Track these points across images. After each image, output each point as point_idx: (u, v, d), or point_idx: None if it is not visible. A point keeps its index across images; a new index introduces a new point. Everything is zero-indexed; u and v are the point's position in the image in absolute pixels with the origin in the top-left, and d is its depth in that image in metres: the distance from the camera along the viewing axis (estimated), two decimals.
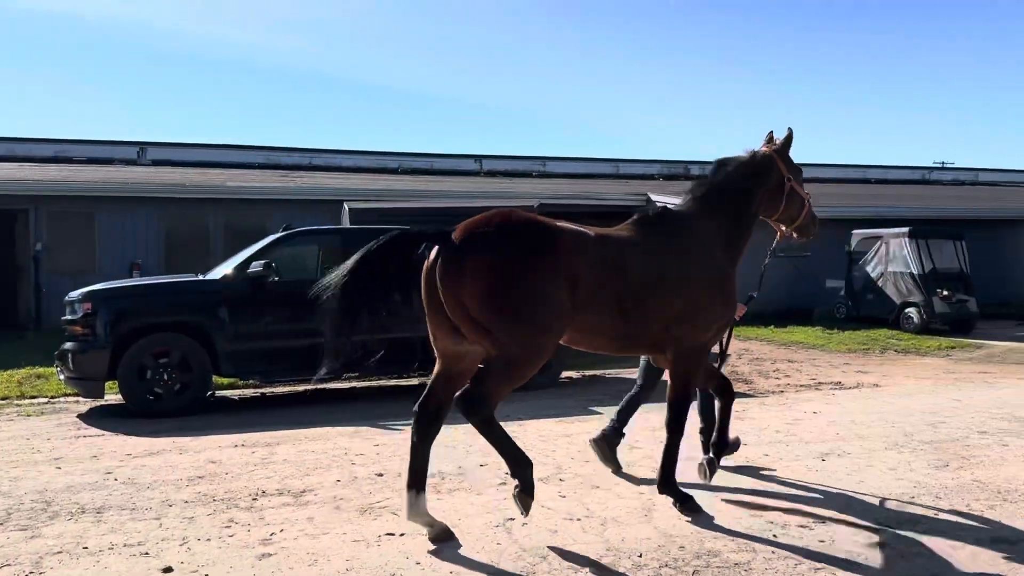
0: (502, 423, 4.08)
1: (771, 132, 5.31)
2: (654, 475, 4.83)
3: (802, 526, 4.39)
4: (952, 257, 15.92)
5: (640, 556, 3.94)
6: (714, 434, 5.08)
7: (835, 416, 7.59)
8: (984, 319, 16.92)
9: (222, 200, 17.36)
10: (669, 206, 5.44)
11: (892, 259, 15.85)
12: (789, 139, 5.22)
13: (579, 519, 4.51)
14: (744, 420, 7.41)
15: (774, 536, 4.24)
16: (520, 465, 4.00)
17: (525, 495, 3.97)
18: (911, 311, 15.39)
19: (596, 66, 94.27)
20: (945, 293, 15.19)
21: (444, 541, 4.06)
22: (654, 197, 22.41)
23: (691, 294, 4.53)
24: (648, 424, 6.00)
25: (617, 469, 5.46)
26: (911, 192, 26.05)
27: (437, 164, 26.37)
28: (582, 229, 4.32)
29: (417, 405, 4.20)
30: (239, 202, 17.37)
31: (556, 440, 6.52)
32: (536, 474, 4.09)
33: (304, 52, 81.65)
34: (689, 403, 4.85)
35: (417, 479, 4.10)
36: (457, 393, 3.93)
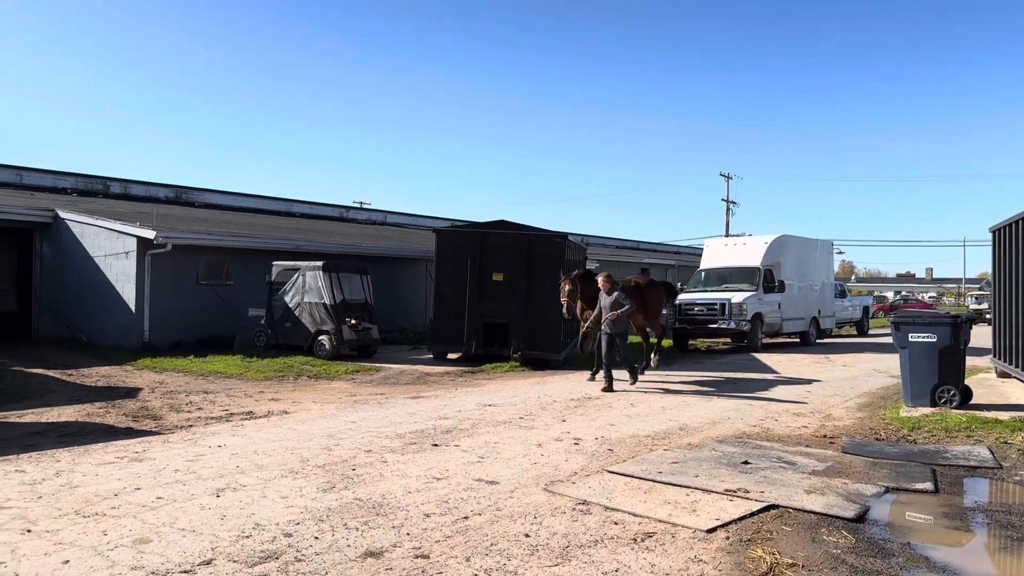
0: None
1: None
2: None
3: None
4: (359, 289, 17.56)
5: None
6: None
7: (239, 448, 7.62)
8: (385, 344, 19.06)
9: None
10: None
11: (308, 290, 16.82)
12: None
13: None
14: (143, 461, 6.99)
15: None
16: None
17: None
18: (323, 339, 16.50)
19: None
20: (352, 321, 16.67)
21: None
22: (64, 215, 20.10)
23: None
24: None
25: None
26: (329, 228, 28.13)
27: None
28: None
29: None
30: None
31: None
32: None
33: None
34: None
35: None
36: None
